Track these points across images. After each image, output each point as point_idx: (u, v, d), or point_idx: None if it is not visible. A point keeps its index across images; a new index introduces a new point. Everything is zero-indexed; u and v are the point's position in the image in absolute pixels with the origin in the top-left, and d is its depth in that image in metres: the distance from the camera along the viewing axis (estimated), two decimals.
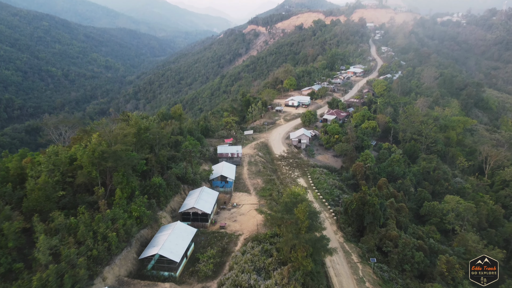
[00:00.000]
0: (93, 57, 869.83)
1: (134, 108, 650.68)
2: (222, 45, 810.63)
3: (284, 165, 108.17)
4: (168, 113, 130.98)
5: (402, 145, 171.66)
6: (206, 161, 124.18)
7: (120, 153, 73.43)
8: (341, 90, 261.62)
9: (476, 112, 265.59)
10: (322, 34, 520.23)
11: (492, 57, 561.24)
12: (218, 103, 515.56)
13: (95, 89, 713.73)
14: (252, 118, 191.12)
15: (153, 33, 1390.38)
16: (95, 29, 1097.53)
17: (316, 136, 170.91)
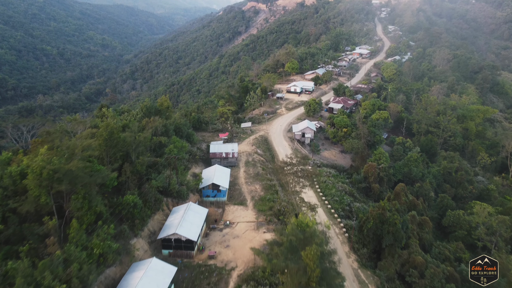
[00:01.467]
0: (89, 35, 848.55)
1: (131, 88, 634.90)
2: (221, 23, 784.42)
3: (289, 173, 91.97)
4: (153, 106, 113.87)
5: (417, 138, 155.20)
6: (196, 163, 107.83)
7: (78, 171, 57.01)
8: (347, 74, 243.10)
9: (491, 98, 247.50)
10: (325, 11, 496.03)
11: (502, 36, 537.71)
12: (216, 84, 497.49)
13: (92, 69, 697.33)
14: (251, 107, 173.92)
15: (151, 10, 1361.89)
16: (91, 5, 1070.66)
17: (321, 128, 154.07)
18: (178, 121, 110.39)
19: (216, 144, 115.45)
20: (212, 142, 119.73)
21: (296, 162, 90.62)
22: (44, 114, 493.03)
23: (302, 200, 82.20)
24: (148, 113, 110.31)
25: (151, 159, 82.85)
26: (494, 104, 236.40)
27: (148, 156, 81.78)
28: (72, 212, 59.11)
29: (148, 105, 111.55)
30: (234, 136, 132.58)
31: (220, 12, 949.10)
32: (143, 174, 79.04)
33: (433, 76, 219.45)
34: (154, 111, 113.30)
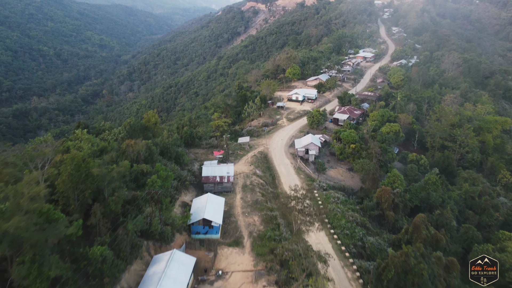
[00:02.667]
0: (87, 35, 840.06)
1: (129, 89, 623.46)
2: (220, 23, 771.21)
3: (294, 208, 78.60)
4: (138, 123, 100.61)
5: (431, 153, 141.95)
6: (187, 189, 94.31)
7: (21, 231, 43.68)
8: (351, 80, 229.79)
9: (503, 104, 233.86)
10: (326, 12, 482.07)
11: (507, 37, 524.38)
12: (214, 86, 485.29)
13: (89, 69, 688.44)
14: (249, 117, 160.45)
15: (150, 9, 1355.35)
16: (89, 5, 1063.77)
17: (326, 143, 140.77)
18: (166, 141, 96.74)
19: (210, 165, 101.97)
20: (205, 163, 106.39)
21: (301, 196, 77.73)
22: (39, 117, 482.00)
23: (309, 247, 68.85)
24: (132, 131, 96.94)
25: (129, 194, 69.40)
26: (506, 111, 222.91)
27: (125, 190, 68.27)
28: (16, 281, 45.79)
29: (132, 123, 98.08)
30: (230, 153, 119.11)
31: (219, 12, 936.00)
32: (118, 214, 65.72)
33: (444, 83, 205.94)
34: (139, 129, 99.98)
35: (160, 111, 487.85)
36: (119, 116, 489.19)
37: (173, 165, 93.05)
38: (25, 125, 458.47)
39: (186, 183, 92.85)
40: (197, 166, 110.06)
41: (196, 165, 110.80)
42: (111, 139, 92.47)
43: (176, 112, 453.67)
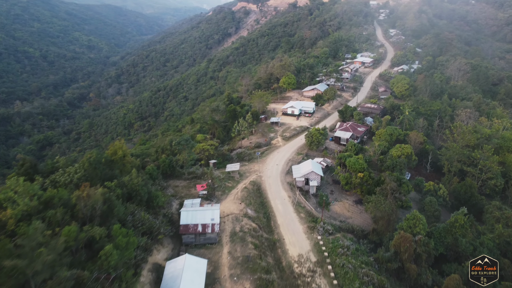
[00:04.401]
0: (75, 36, 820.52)
1: (116, 92, 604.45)
2: (210, 24, 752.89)
3: None
4: (101, 158, 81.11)
5: (447, 179, 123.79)
6: (161, 243, 74.99)
7: None
8: (351, 88, 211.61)
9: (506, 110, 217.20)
10: (320, 13, 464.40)
11: (504, 38, 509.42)
12: (204, 90, 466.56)
13: (76, 72, 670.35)
14: (239, 136, 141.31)
15: (140, 9, 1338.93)
16: (77, 5, 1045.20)
17: (328, 167, 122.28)
18: (135, 181, 77.26)
19: (190, 208, 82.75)
20: (186, 203, 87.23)
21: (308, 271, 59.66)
22: (22, 122, 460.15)
23: None
24: (92, 169, 77.33)
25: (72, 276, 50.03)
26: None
27: (65, 273, 48.94)
28: None
29: (93, 158, 78.41)
30: (217, 187, 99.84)
31: (209, 13, 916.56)
32: None
33: (453, 93, 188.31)
34: (102, 166, 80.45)
35: (148, 116, 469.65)
36: (106, 121, 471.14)
37: (142, 213, 73.67)
38: (7, 131, 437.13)
39: (160, 237, 73.56)
40: (175, 206, 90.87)
41: (174, 205, 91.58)
42: (64, 181, 72.88)
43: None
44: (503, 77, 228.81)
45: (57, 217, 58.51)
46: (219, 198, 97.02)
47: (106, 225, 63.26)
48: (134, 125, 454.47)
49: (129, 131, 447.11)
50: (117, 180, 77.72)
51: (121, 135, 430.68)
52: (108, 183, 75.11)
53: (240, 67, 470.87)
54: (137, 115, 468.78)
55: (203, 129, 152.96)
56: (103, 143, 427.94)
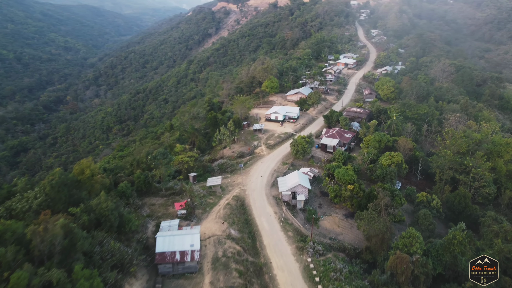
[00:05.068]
0: (50, 37, 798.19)
1: (95, 95, 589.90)
2: (190, 24, 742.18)
3: None
4: (66, 180, 72.35)
5: (439, 188, 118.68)
6: (134, 275, 66.78)
7: None
8: (335, 91, 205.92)
9: (497, 115, 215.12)
10: (301, 13, 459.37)
11: (483, 37, 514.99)
12: (185, 93, 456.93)
13: (52, 74, 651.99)
14: (221, 145, 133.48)
15: (119, 10, 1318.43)
16: (53, 6, 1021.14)
17: (315, 178, 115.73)
18: (103, 206, 68.81)
19: (167, 233, 74.74)
20: (162, 225, 79.33)
21: None
22: None
23: None
24: (55, 193, 68.61)
25: None
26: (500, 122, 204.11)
27: None
28: None
29: (56, 181, 69.60)
30: (196, 205, 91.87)
31: (189, 13, 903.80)
32: None
33: (439, 95, 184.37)
34: (67, 188, 71.75)
35: (127, 120, 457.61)
36: (83, 125, 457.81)
37: (112, 243, 65.36)
38: None
39: (132, 270, 65.36)
40: (151, 228, 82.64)
41: (150, 227, 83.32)
42: (22, 209, 64.10)
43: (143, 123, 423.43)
44: (486, 78, 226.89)
45: (8, 258, 49.98)
46: (199, 217, 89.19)
47: (68, 262, 54.94)
48: (113, 129, 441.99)
49: (107, 135, 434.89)
50: (84, 205, 69.25)
51: (100, 140, 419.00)
52: (72, 209, 66.67)
53: (221, 69, 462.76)
54: (115, 119, 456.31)
55: (182, 137, 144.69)
56: (80, 148, 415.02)
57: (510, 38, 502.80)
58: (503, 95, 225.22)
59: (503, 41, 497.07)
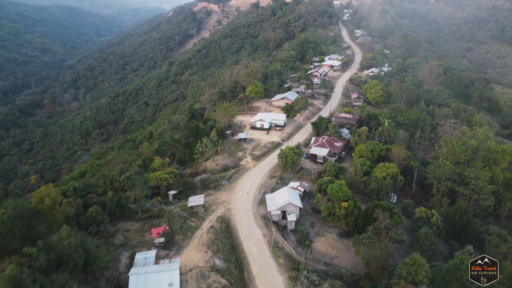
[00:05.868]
0: (26, 38, 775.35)
1: (73, 98, 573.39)
2: (171, 24, 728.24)
3: None
4: (21, 211, 61.96)
5: (436, 200, 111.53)
6: None
7: None
8: (321, 95, 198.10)
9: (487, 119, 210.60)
10: (284, 14, 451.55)
11: (464, 37, 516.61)
12: (166, 95, 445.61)
13: (28, 77, 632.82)
14: (203, 157, 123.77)
15: (98, 10, 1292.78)
16: (29, 6, 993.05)
17: (306, 193, 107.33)
18: (65, 243, 58.79)
19: (142, 270, 65.09)
20: (136, 260, 69.62)
21: None
22: None
23: None
24: (9, 229, 58.24)
25: None
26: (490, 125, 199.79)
27: None
28: None
29: (8, 217, 59.06)
30: (175, 231, 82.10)
31: (169, 13, 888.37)
32: None
33: (429, 99, 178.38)
34: (23, 223, 61.43)
35: (107, 124, 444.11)
36: (61, 130, 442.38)
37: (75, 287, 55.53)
38: None
39: None
40: (125, 261, 72.84)
41: (124, 259, 73.48)
42: None
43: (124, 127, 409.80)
44: (474, 79, 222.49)
45: None
46: (179, 245, 79.62)
47: None
48: (92, 133, 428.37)
49: (86, 140, 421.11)
50: (42, 242, 59.15)
51: (78, 145, 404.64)
52: (28, 249, 56.56)
53: (203, 70, 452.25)
54: (95, 123, 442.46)
55: (161, 148, 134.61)
56: (58, 154, 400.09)
57: (490, 38, 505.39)
58: (491, 97, 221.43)
59: (484, 41, 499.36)
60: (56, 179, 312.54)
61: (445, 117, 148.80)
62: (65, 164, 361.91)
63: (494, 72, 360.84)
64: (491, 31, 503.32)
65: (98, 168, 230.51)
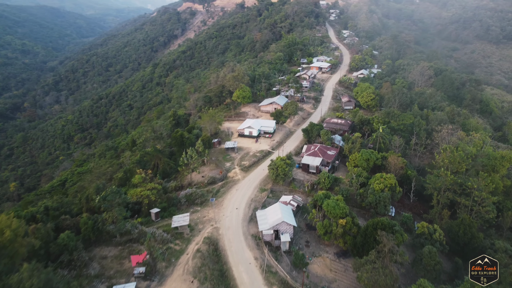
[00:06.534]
0: (6, 40, 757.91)
1: (55, 101, 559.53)
2: (155, 25, 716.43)
3: None
4: None
5: (436, 212, 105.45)
6: None
7: None
8: (311, 99, 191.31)
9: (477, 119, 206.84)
10: (270, 14, 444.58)
11: (449, 37, 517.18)
12: (150, 98, 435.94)
13: (8, 79, 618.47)
14: (189, 169, 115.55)
15: (80, 11, 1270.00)
16: (9, 7, 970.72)
17: (299, 208, 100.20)
18: (27, 285, 50.45)
19: None
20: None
21: None
22: None
23: None
24: None
25: None
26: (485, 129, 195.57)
27: None
28: None
29: None
30: (156, 257, 73.97)
31: (153, 14, 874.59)
32: None
33: (422, 102, 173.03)
34: None
35: (90, 127, 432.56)
36: (42, 135, 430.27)
37: None
38: None
39: None
40: None
41: None
42: None
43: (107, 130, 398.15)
44: (465, 80, 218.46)
45: None
46: (162, 274, 71.63)
47: None
48: (74, 138, 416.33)
49: (68, 144, 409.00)
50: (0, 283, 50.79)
51: (60, 150, 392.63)
52: None
53: (188, 72, 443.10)
54: (77, 127, 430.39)
55: (143, 159, 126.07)
56: (39, 159, 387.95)
57: (476, 37, 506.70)
58: (482, 98, 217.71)
59: (469, 40, 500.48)
60: (36, 186, 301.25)
61: (440, 122, 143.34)
62: (46, 170, 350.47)
63: (481, 72, 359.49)
64: (476, 31, 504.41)
65: (79, 176, 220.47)
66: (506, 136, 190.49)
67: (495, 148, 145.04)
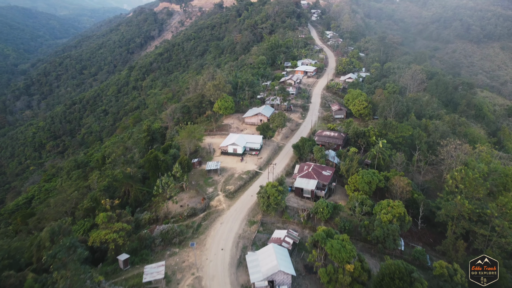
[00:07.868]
0: None
1: (26, 106, 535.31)
2: (131, 26, 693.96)
3: None
4: None
5: (450, 242, 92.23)
6: None
7: None
8: (298, 107, 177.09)
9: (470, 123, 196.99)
10: (250, 15, 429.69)
11: (430, 36, 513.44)
12: (126, 103, 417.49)
13: None
14: (165, 198, 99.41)
15: (53, 11, 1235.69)
16: None
17: (295, 245, 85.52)
18: None
19: None
20: None
21: None
22: None
23: None
24: None
25: None
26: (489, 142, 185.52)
27: None
28: None
29: None
30: None
31: (129, 14, 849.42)
32: None
33: (419, 110, 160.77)
34: None
35: (62, 135, 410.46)
36: (11, 143, 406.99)
37: None
38: None
39: None
40: None
41: None
42: None
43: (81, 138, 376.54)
44: (458, 84, 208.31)
45: None
46: None
47: None
48: (46, 145, 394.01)
49: (40, 153, 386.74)
50: None
51: (31, 159, 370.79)
52: None
53: (166, 75, 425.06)
54: (49, 134, 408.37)
55: (113, 185, 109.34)
56: (8, 170, 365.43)
57: (456, 37, 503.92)
58: (475, 103, 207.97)
59: (450, 40, 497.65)
60: (3, 199, 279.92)
61: (443, 134, 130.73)
62: (14, 182, 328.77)
63: (465, 73, 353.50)
64: (457, 30, 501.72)
65: (46, 193, 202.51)
66: (502, 142, 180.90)
67: (496, 158, 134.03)
